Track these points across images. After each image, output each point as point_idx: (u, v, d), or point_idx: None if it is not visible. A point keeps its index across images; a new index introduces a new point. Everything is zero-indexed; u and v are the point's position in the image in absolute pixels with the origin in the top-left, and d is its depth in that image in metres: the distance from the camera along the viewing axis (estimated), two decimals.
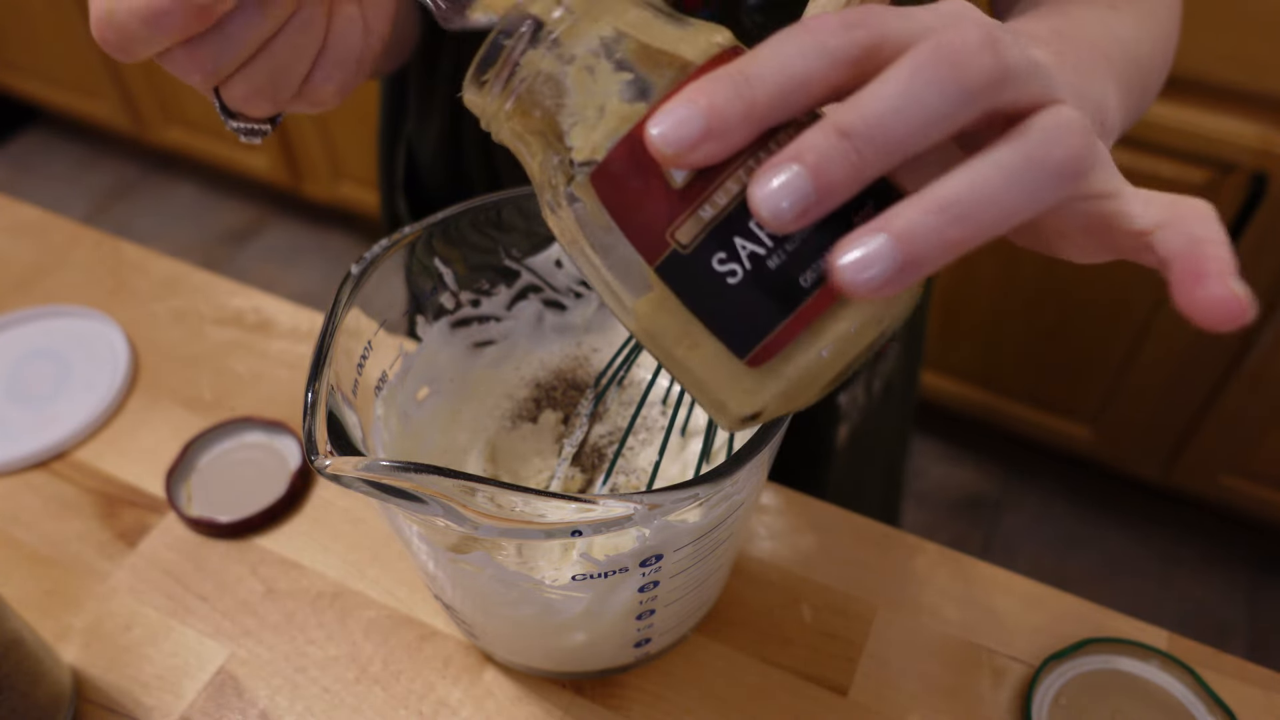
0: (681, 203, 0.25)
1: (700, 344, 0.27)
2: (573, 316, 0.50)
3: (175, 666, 0.47)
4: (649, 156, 0.25)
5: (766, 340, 0.25)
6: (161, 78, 1.84)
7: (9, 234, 0.72)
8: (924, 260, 0.23)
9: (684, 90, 0.24)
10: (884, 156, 0.23)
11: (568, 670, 0.46)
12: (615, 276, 0.28)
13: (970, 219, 0.23)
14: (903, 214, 0.23)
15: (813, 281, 0.25)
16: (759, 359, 0.26)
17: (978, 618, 0.48)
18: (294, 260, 1.95)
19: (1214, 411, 1.22)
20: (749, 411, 0.27)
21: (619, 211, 0.26)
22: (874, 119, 0.23)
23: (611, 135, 0.26)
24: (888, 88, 0.23)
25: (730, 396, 0.27)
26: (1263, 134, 1.00)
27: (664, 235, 0.26)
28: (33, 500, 0.55)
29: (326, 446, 0.32)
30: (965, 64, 0.23)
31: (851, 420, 0.71)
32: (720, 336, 0.26)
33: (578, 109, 0.27)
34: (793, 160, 0.23)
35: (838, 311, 0.25)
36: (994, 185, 0.23)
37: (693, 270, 0.26)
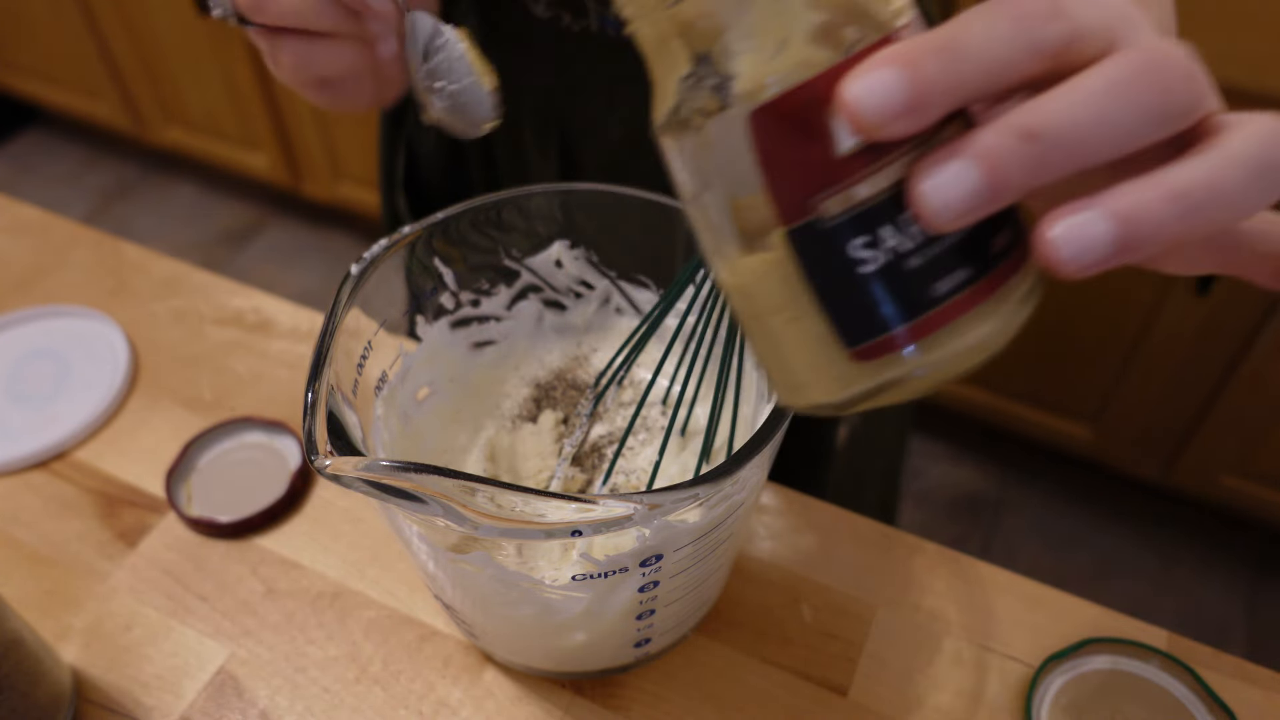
0: (840, 173, 0.23)
1: (804, 320, 0.25)
2: (573, 316, 0.50)
3: (175, 666, 0.47)
4: (824, 112, 0.23)
5: (881, 338, 0.24)
6: (162, 77, 1.84)
7: (9, 234, 0.72)
8: (1142, 247, 0.21)
9: (887, 52, 0.22)
10: (1064, 165, 0.21)
11: (568, 670, 0.46)
12: (724, 221, 0.25)
13: (1200, 213, 0.21)
14: (1130, 195, 0.21)
15: (945, 292, 0.23)
16: (865, 355, 0.24)
17: (978, 618, 0.48)
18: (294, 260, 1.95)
19: (1214, 411, 1.22)
20: (830, 400, 0.26)
21: (768, 160, 0.24)
22: (1067, 127, 0.21)
23: (788, 77, 0.23)
24: (1085, 95, 0.21)
25: (816, 381, 0.26)
26: None
27: (808, 201, 0.23)
28: (33, 500, 0.55)
29: (326, 446, 0.32)
30: (1171, 89, 0.22)
31: (851, 421, 0.71)
32: (832, 320, 0.24)
33: (757, 34, 0.24)
34: (970, 157, 0.21)
35: (959, 329, 0.24)
36: (1231, 180, 0.22)
37: (827, 246, 0.24)
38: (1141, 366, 1.24)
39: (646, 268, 0.48)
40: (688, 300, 0.43)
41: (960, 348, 0.24)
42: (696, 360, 0.42)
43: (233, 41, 1.63)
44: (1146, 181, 0.22)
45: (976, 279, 0.24)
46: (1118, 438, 1.34)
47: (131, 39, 1.79)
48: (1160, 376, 1.23)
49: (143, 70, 1.84)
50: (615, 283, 0.49)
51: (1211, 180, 0.22)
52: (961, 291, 0.24)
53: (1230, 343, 1.15)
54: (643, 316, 0.47)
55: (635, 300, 0.50)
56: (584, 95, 0.58)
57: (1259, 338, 1.12)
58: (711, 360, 0.41)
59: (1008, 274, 0.24)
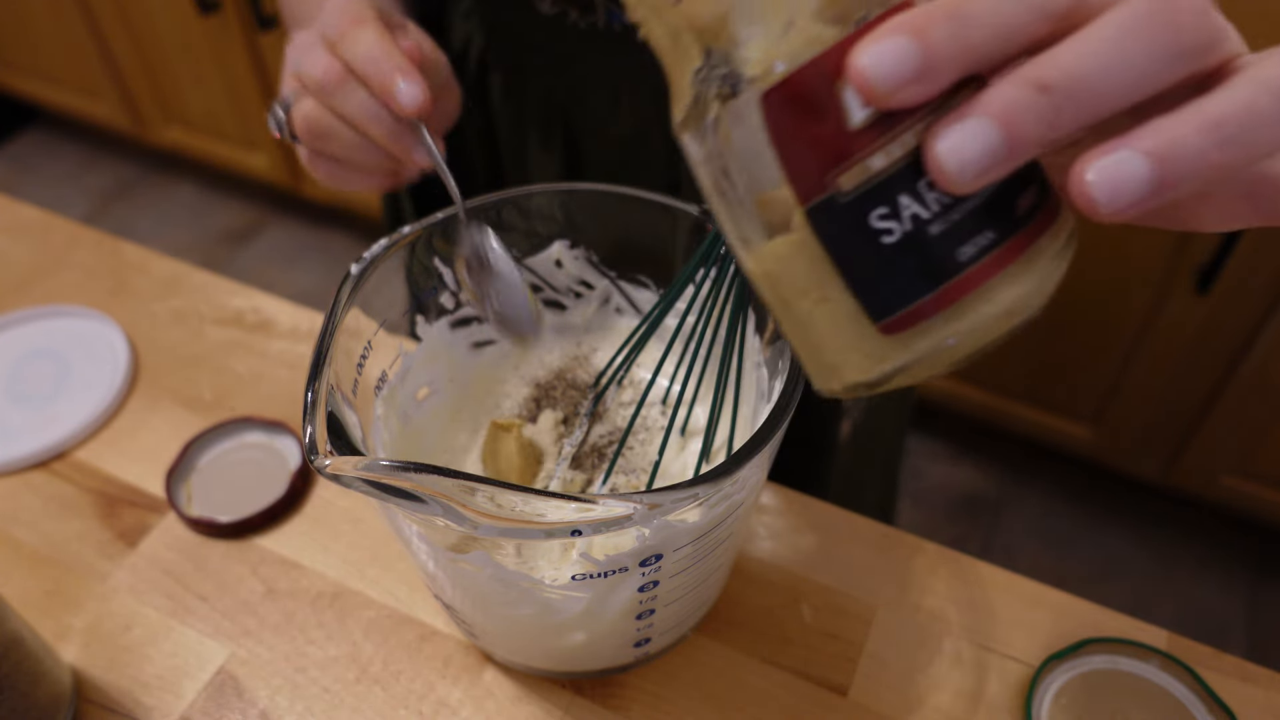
0: (854, 145, 0.23)
1: (831, 299, 0.25)
2: (573, 316, 0.50)
3: (175, 666, 0.47)
4: (834, 87, 0.23)
5: (909, 309, 0.24)
6: (162, 77, 1.84)
7: (9, 234, 0.72)
8: (1180, 183, 0.21)
9: (895, 21, 0.22)
10: (1083, 115, 0.21)
11: (567, 670, 0.46)
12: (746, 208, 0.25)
13: (1239, 142, 0.21)
14: (1165, 130, 0.21)
15: (970, 256, 0.23)
16: (894, 327, 0.24)
17: (978, 618, 0.48)
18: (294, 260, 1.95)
19: (1214, 411, 1.22)
20: (865, 379, 0.26)
21: (782, 140, 0.24)
22: (1079, 75, 0.21)
23: (795, 56, 0.23)
24: (1096, 44, 0.21)
25: (848, 360, 0.25)
26: None
27: (825, 177, 0.23)
28: (33, 500, 0.55)
29: (326, 446, 0.32)
30: (1182, 25, 0.21)
31: (853, 416, 0.71)
32: (859, 296, 0.24)
33: (763, 19, 0.24)
34: (983, 113, 0.21)
35: (988, 293, 0.24)
36: (1266, 107, 0.21)
37: (847, 220, 0.24)
38: (1141, 367, 1.24)
39: (646, 268, 0.48)
40: (688, 300, 0.43)
41: (993, 312, 0.24)
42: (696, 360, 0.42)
43: (233, 41, 1.63)
44: (1179, 115, 0.21)
45: (1003, 241, 0.23)
46: (1118, 438, 1.34)
47: (131, 39, 1.79)
48: (1160, 376, 1.23)
49: (143, 70, 1.84)
50: (615, 283, 0.49)
51: (1248, 107, 0.21)
52: (988, 255, 0.23)
53: (1230, 342, 1.15)
54: (643, 316, 0.47)
55: (635, 300, 0.50)
56: (588, 92, 0.58)
57: (1259, 337, 1.12)
58: (711, 360, 0.41)
59: (1037, 233, 0.24)
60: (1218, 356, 1.17)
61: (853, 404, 0.70)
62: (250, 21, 1.58)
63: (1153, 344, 1.21)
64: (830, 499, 0.54)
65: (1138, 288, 1.17)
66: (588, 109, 0.58)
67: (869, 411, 0.73)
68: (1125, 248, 1.14)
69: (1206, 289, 1.10)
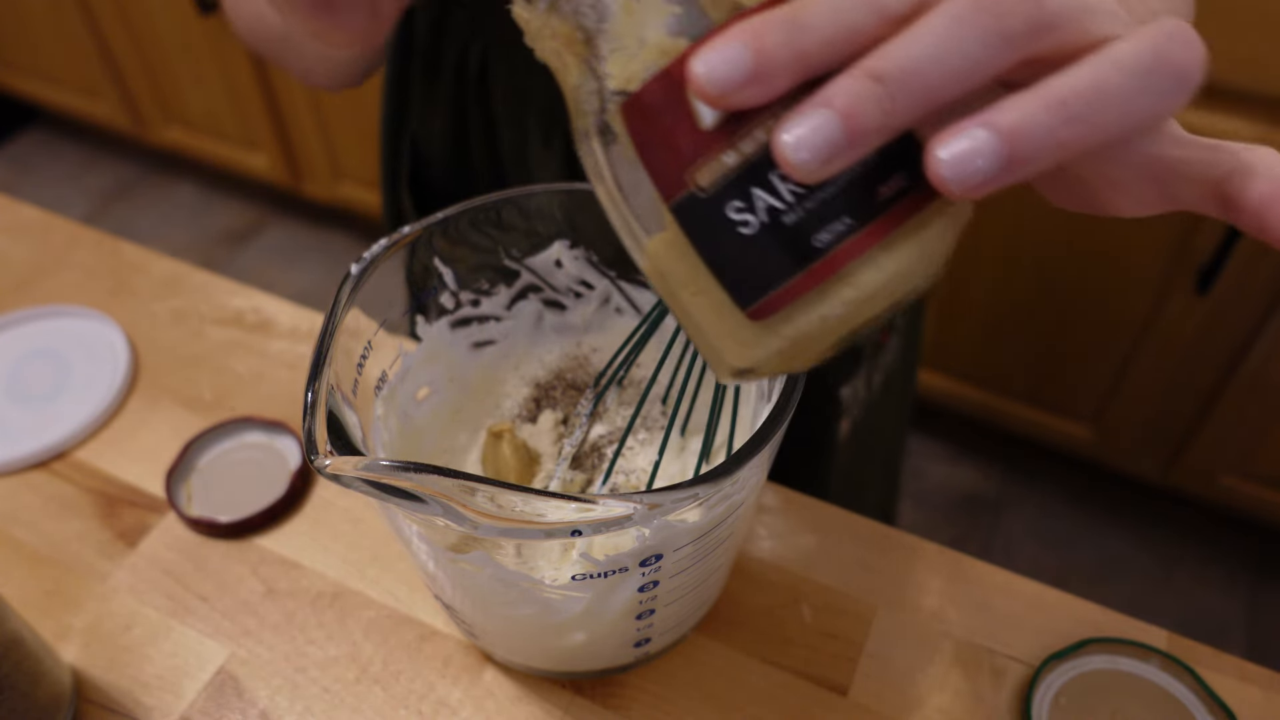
0: (706, 145, 0.25)
1: (706, 290, 0.26)
2: (573, 316, 0.50)
3: (175, 666, 0.47)
4: (682, 93, 0.25)
5: (770, 295, 0.25)
6: (162, 77, 1.84)
7: (9, 234, 0.72)
8: (1029, 159, 0.22)
9: (733, 28, 0.23)
10: (917, 102, 0.22)
11: (567, 670, 0.46)
12: (633, 212, 0.27)
13: (1086, 119, 0.22)
14: (1013, 108, 0.22)
15: (826, 243, 0.24)
16: (760, 313, 0.26)
17: (978, 618, 0.48)
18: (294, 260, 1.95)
19: (1214, 411, 1.22)
20: (743, 365, 0.27)
21: (644, 146, 0.26)
22: (909, 63, 0.22)
23: (648, 67, 0.25)
24: (925, 34, 0.22)
25: (728, 347, 0.27)
26: (1263, 134, 1.00)
27: (684, 176, 0.25)
28: (33, 500, 0.55)
29: (326, 446, 0.32)
30: (1005, 11, 0.22)
31: (853, 415, 0.71)
32: (725, 285, 0.26)
33: (619, 35, 0.26)
34: (823, 105, 0.22)
35: (848, 277, 0.25)
36: (1115, 83, 0.22)
37: (707, 215, 0.25)
38: (1141, 366, 1.24)
39: None
40: None
41: (855, 295, 0.25)
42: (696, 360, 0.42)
43: (233, 41, 1.63)
44: (1027, 93, 0.22)
45: (861, 226, 0.25)
46: (1118, 438, 1.34)
47: (131, 39, 1.79)
48: (1160, 376, 1.23)
49: (143, 70, 1.84)
50: (615, 283, 0.49)
51: (1094, 84, 0.22)
52: (845, 240, 0.25)
53: (1230, 342, 1.15)
54: (643, 316, 0.47)
55: (635, 300, 0.50)
56: None
57: (1259, 338, 1.12)
58: None
59: (905, 214, 0.25)
60: (1218, 356, 1.17)
61: (853, 403, 0.70)
62: None
63: (1153, 344, 1.21)
64: (830, 499, 0.54)
65: (1138, 288, 1.17)
66: None
67: (869, 410, 0.73)
68: (1125, 248, 1.14)
69: (1206, 289, 1.10)
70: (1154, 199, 0.26)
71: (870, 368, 0.70)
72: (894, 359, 0.74)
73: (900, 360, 0.75)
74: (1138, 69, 0.22)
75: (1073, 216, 1.13)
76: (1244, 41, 0.95)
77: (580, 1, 0.27)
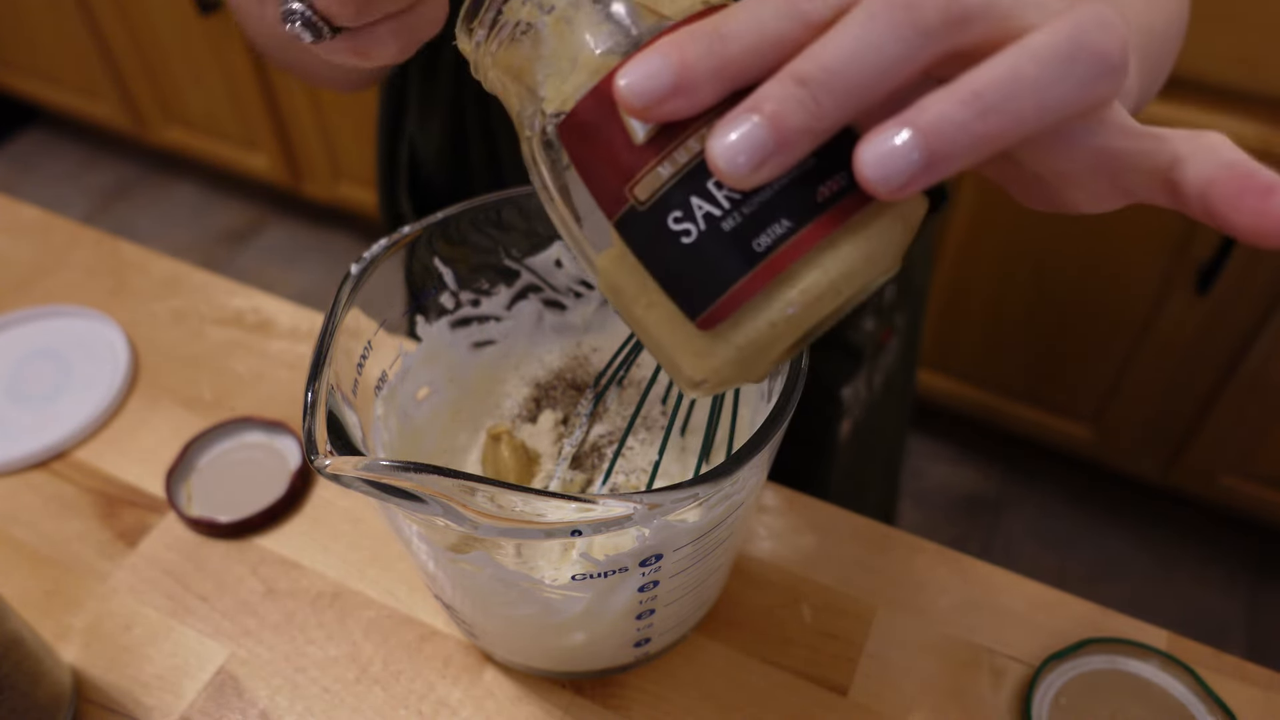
0: (641, 158, 0.25)
1: (656, 303, 0.26)
2: (573, 316, 0.50)
3: (175, 666, 0.47)
4: (614, 110, 0.25)
5: (716, 304, 0.25)
6: (162, 77, 1.84)
7: (9, 234, 0.72)
8: (951, 156, 0.22)
9: (657, 43, 0.24)
10: (843, 102, 0.22)
11: (567, 670, 0.46)
12: (581, 230, 0.28)
13: (1003, 110, 0.22)
14: (931, 106, 0.22)
15: (766, 246, 0.24)
16: (709, 322, 0.25)
17: (978, 618, 0.48)
18: (294, 260, 1.95)
19: (1214, 411, 1.22)
20: (699, 376, 0.27)
21: (583, 164, 0.26)
22: (830, 64, 0.22)
23: (581, 87, 0.26)
24: (842, 34, 0.22)
25: (683, 359, 0.27)
26: (1263, 134, 1.00)
27: (623, 191, 0.25)
28: (33, 500, 0.55)
29: (326, 446, 0.32)
30: (919, 6, 0.22)
31: (854, 415, 0.71)
32: (673, 297, 0.26)
33: (552, 60, 0.27)
34: (750, 111, 0.23)
35: (791, 278, 0.25)
36: (1030, 74, 0.22)
37: (648, 227, 0.25)
38: (1141, 366, 1.24)
39: None
40: None
41: (800, 297, 0.25)
42: None
43: (233, 41, 1.63)
44: (945, 89, 0.22)
45: (799, 228, 0.25)
46: (1118, 438, 1.34)
47: (131, 39, 1.79)
48: (1160, 376, 1.23)
49: (143, 70, 1.84)
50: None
51: (1010, 75, 0.22)
52: (784, 243, 0.25)
53: (1230, 343, 1.15)
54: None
55: None
56: None
57: (1259, 338, 1.12)
58: None
59: (846, 213, 0.25)
60: (1218, 356, 1.17)
61: (854, 403, 0.70)
62: None
63: (1153, 344, 1.21)
64: (831, 499, 0.54)
65: (1138, 288, 1.17)
66: None
67: (870, 410, 0.73)
68: (1125, 248, 1.14)
69: (1206, 289, 1.10)
70: (1108, 192, 0.26)
71: (871, 368, 0.70)
72: (894, 359, 0.74)
73: (900, 361, 0.76)
74: (1054, 57, 0.22)
75: (1073, 216, 1.13)
76: (1244, 41, 0.95)
77: (515, 28, 0.27)
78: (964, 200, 1.20)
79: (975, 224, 1.22)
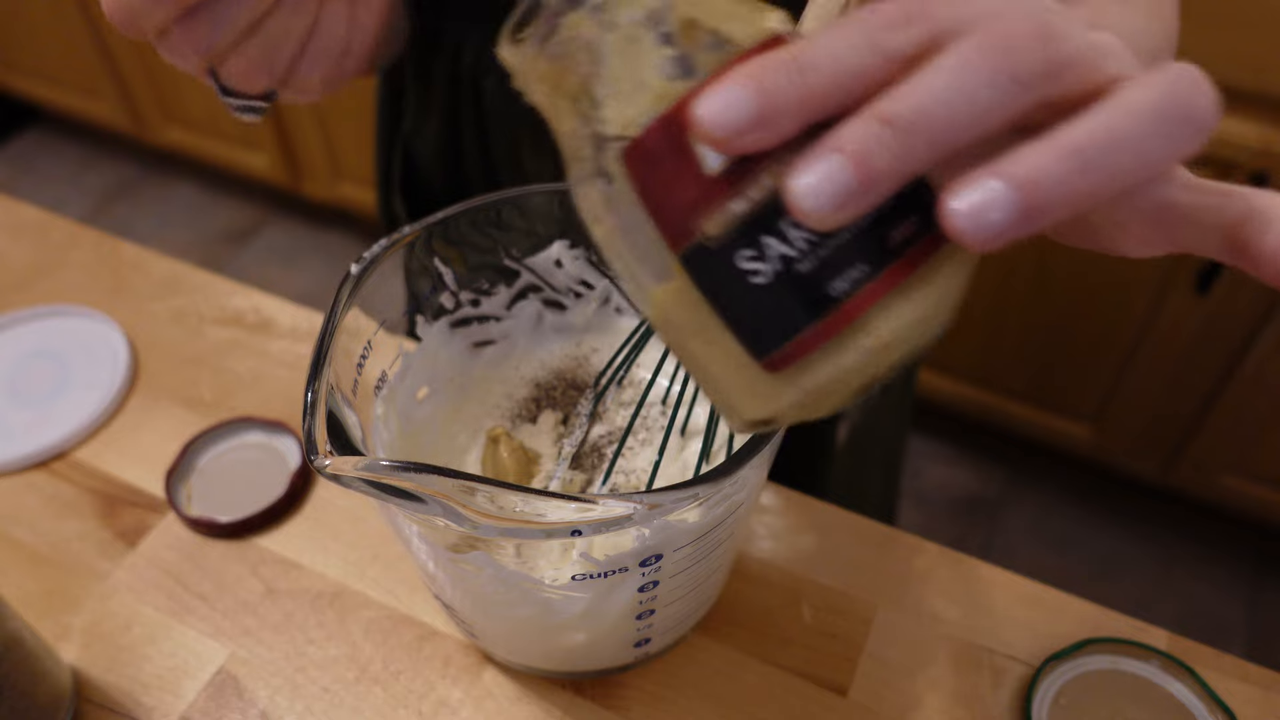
0: (713, 192, 0.24)
1: (717, 341, 0.25)
2: (572, 316, 0.50)
3: (175, 666, 0.47)
4: (685, 138, 0.24)
5: (786, 347, 0.24)
6: (162, 77, 1.84)
7: (9, 234, 0.72)
8: (1047, 210, 0.21)
9: (734, 72, 0.23)
10: (929, 147, 0.22)
11: (567, 670, 0.46)
12: (636, 258, 0.26)
13: (1101, 168, 0.21)
14: (1026, 159, 0.21)
15: (843, 291, 0.24)
16: (776, 365, 0.25)
17: (978, 618, 0.48)
18: (294, 260, 1.95)
19: (1214, 411, 1.22)
20: (760, 416, 0.26)
21: (647, 192, 0.25)
22: (920, 107, 0.22)
23: (648, 111, 0.25)
24: (934, 78, 0.22)
25: (742, 399, 0.26)
26: (1263, 134, 1.00)
27: (690, 224, 0.24)
28: (33, 500, 0.55)
29: (326, 446, 0.32)
30: (1015, 54, 0.22)
31: (852, 418, 0.71)
32: (738, 337, 0.25)
33: (615, 80, 0.25)
34: (833, 150, 0.22)
35: (866, 325, 0.24)
36: (1129, 130, 0.21)
37: (717, 265, 0.24)
38: (1141, 366, 1.24)
39: None
40: None
41: (872, 344, 0.24)
42: None
43: None
44: (1042, 142, 0.22)
45: (877, 273, 0.24)
46: (1118, 437, 1.34)
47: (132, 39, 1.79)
48: (1160, 376, 1.23)
49: (142, 70, 1.84)
50: (615, 283, 0.49)
51: (1107, 132, 0.22)
52: (861, 288, 0.24)
53: (1230, 343, 1.15)
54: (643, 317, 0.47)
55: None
56: None
57: (1259, 338, 1.12)
58: None
59: (918, 260, 0.24)
60: (1218, 356, 1.17)
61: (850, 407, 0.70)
62: None
63: (1153, 344, 1.21)
64: (830, 499, 0.54)
65: (1138, 288, 1.17)
66: None
67: (867, 413, 0.73)
68: None
69: (1206, 289, 1.10)
70: (1160, 242, 0.26)
71: None
72: None
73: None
74: (1153, 115, 0.22)
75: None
76: (1244, 41, 0.95)
77: (571, 43, 0.26)
78: None
79: None
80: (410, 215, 0.69)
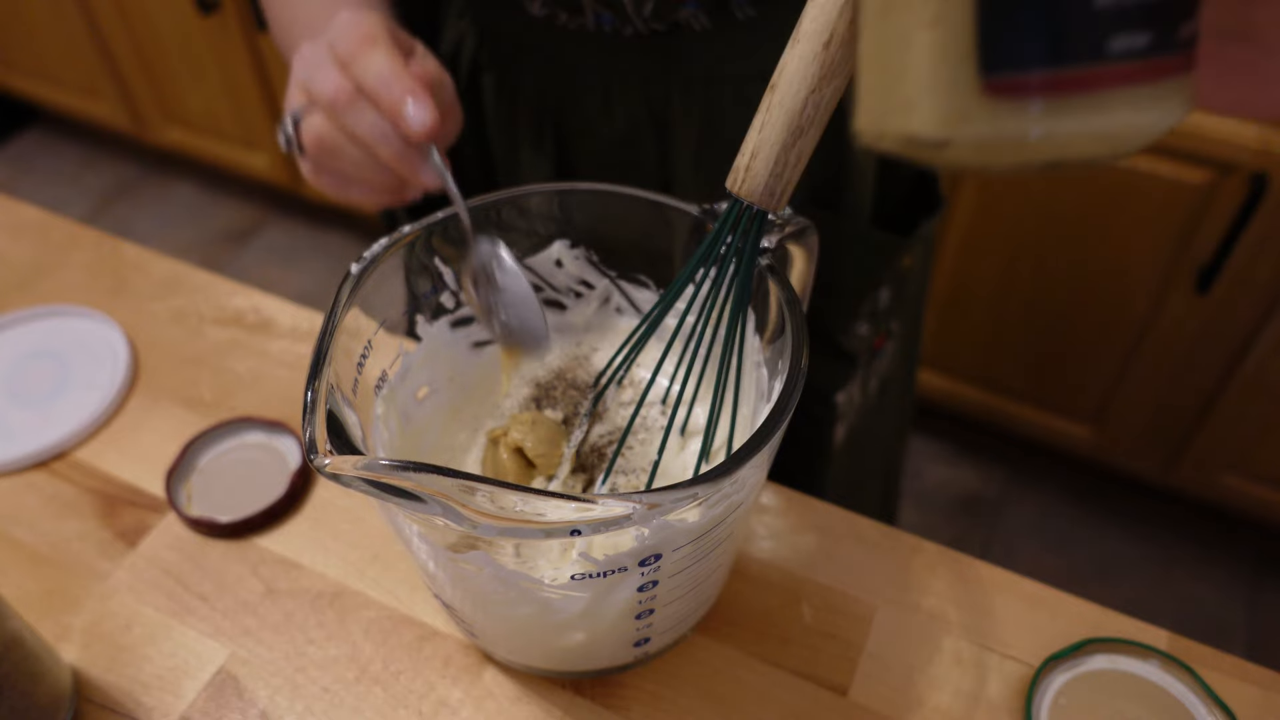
0: None
1: (945, 25, 0.21)
2: (573, 316, 0.50)
3: (175, 666, 0.47)
4: None
5: (1022, 75, 0.21)
6: (162, 77, 1.84)
7: (9, 234, 0.72)
8: None
9: None
10: None
11: (567, 670, 0.46)
12: None
13: None
14: None
15: (1117, 51, 0.21)
16: (994, 88, 0.21)
17: (978, 618, 0.48)
18: (294, 260, 1.95)
19: (1214, 411, 1.22)
20: (934, 134, 0.22)
21: None
22: None
23: None
24: None
25: (928, 104, 0.22)
26: (1262, 134, 1.00)
27: None
28: (33, 500, 0.55)
29: (326, 446, 0.32)
30: None
31: (849, 420, 0.71)
32: (980, 34, 0.21)
33: None
34: None
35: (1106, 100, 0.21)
36: None
37: None
38: (1142, 366, 1.24)
39: (646, 268, 0.48)
40: (687, 300, 0.43)
41: (1096, 126, 0.22)
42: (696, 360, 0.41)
43: (233, 41, 1.63)
44: None
45: (1153, 53, 0.21)
46: (1118, 438, 1.34)
47: (131, 39, 1.79)
48: (1161, 376, 1.23)
49: (143, 70, 1.84)
50: (615, 282, 0.49)
51: None
52: (1133, 59, 0.21)
53: (1230, 342, 1.15)
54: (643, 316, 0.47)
55: (635, 300, 0.50)
56: (580, 94, 0.58)
57: (1259, 338, 1.12)
58: (711, 360, 0.41)
59: (1179, 68, 0.22)
60: (1218, 356, 1.17)
61: (848, 408, 0.70)
62: (250, 21, 1.58)
63: (1153, 344, 1.21)
64: (830, 499, 0.54)
65: (1138, 288, 1.17)
66: (579, 110, 0.58)
67: (865, 416, 0.73)
68: (1125, 248, 1.14)
69: (1206, 289, 1.10)
70: None
71: (866, 374, 0.70)
72: (890, 365, 0.74)
73: (898, 366, 0.75)
74: None
75: (1074, 217, 1.13)
76: None
77: None
78: (964, 200, 1.20)
79: (975, 224, 1.22)
80: (410, 215, 0.69)
